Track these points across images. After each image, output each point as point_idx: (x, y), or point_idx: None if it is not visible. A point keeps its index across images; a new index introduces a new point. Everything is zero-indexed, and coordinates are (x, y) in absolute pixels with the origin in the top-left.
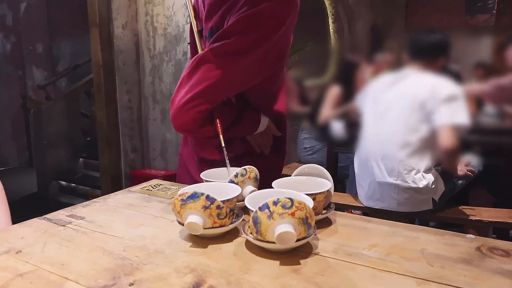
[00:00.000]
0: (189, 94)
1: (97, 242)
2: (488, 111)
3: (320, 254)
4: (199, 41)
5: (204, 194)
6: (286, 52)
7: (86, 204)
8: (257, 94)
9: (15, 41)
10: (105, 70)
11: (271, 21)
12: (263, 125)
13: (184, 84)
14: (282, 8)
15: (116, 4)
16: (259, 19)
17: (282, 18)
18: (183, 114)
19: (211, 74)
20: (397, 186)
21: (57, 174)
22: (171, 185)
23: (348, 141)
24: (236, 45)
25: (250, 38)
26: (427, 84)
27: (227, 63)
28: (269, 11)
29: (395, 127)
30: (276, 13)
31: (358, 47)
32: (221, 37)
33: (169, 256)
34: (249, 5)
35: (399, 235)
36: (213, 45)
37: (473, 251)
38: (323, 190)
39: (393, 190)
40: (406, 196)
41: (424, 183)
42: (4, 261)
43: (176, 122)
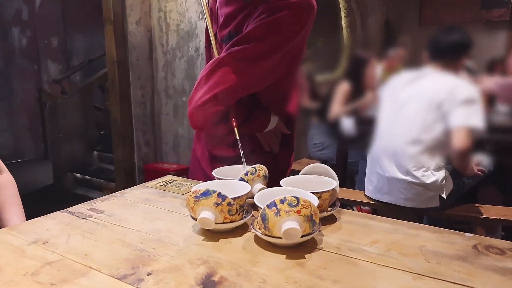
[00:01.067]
0: (206, 95)
1: (117, 235)
2: (499, 109)
3: (324, 249)
4: (215, 44)
5: (216, 192)
6: (301, 54)
7: (105, 198)
8: (270, 95)
9: (30, 35)
10: (119, 66)
11: (290, 28)
12: (272, 124)
13: (202, 84)
14: (301, 14)
15: (129, 1)
16: (279, 25)
17: (301, 24)
18: (200, 114)
19: (228, 77)
20: (406, 181)
21: (72, 166)
22: (184, 181)
23: (358, 138)
24: (256, 50)
25: (269, 44)
26: (446, 85)
27: (245, 67)
28: (289, 18)
29: (409, 124)
30: (296, 19)
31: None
32: (241, 42)
33: (183, 248)
34: (268, 12)
35: (400, 233)
36: (232, 49)
37: (469, 249)
38: (328, 189)
39: (401, 186)
40: (414, 192)
41: (433, 179)
42: (33, 251)
43: (193, 121)
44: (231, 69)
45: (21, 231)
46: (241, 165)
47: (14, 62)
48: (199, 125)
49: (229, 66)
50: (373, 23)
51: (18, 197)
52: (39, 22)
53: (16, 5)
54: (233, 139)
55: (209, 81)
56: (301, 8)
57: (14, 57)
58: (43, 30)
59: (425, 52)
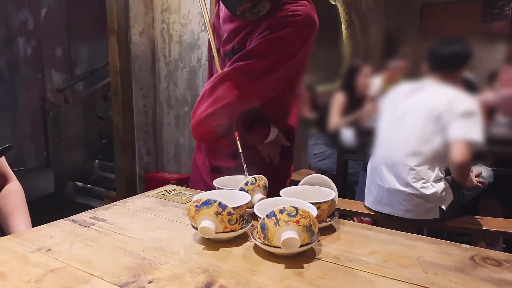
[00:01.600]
0: (209, 109)
1: (118, 243)
2: (499, 121)
3: (322, 259)
4: (218, 60)
5: (217, 201)
6: (303, 69)
7: (107, 207)
8: (271, 108)
9: (35, 45)
10: (122, 76)
11: (293, 45)
12: (272, 135)
13: (205, 98)
14: (304, 31)
15: (134, 12)
16: (282, 42)
17: (303, 41)
18: (203, 127)
19: (231, 92)
20: (405, 193)
21: (74, 175)
22: (185, 190)
23: (358, 148)
24: (259, 66)
25: (272, 60)
26: (446, 97)
27: (248, 82)
28: (292, 35)
29: (409, 136)
30: (299, 36)
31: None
32: (244, 57)
33: (184, 257)
34: (271, 29)
35: (398, 243)
36: (236, 64)
37: (466, 260)
38: (327, 200)
39: (401, 197)
40: (414, 204)
41: (432, 191)
42: (37, 258)
43: (196, 133)
44: (234, 84)
45: (24, 239)
46: (241, 175)
47: (19, 71)
48: (202, 137)
49: (232, 81)
50: (374, 35)
51: (25, 205)
52: (44, 32)
53: (22, 15)
54: (233, 150)
55: (212, 95)
56: (304, 25)
57: (19, 66)
58: (48, 40)
59: (425, 64)
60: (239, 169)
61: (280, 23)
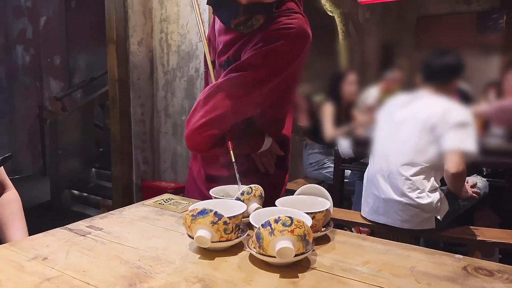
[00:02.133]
0: (203, 119)
1: (115, 252)
2: (494, 132)
3: (317, 268)
4: (213, 71)
5: (213, 211)
6: (296, 81)
7: (103, 216)
8: (265, 118)
9: (34, 53)
10: (121, 85)
11: (286, 57)
12: (266, 145)
13: (199, 108)
14: (297, 44)
15: (132, 22)
16: (275, 54)
17: (296, 53)
18: (196, 136)
19: (225, 103)
20: (401, 203)
21: (70, 183)
22: (182, 199)
23: (355, 158)
24: (252, 77)
25: (265, 72)
26: (439, 108)
27: (241, 93)
28: (285, 47)
29: (404, 146)
30: (291, 49)
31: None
32: (238, 69)
33: (180, 266)
34: (264, 41)
35: (392, 253)
36: (229, 75)
37: (459, 270)
38: (322, 209)
39: (397, 207)
40: (410, 214)
41: (428, 201)
42: (32, 266)
43: (190, 142)
44: (227, 94)
45: (21, 247)
46: (236, 184)
47: (17, 79)
48: (195, 147)
49: (226, 92)
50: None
51: (22, 214)
52: (43, 41)
53: (22, 24)
54: (228, 159)
55: (206, 105)
56: (297, 38)
57: (17, 74)
58: (46, 49)
59: (419, 75)
60: (235, 178)
61: (274, 35)
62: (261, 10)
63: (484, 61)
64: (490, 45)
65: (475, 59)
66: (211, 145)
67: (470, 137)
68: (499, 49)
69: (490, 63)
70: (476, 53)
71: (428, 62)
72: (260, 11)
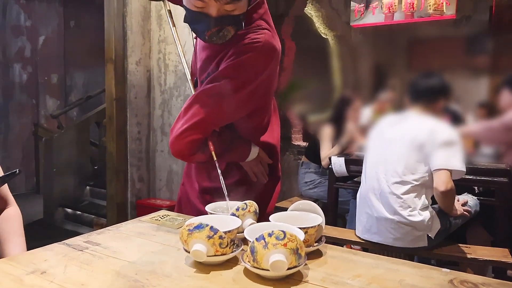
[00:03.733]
0: (184, 125)
1: (112, 266)
2: (484, 151)
3: (309, 282)
4: (193, 87)
5: (209, 225)
6: (270, 90)
7: (101, 232)
8: (246, 126)
9: (31, 71)
10: (118, 103)
11: (253, 68)
12: (253, 153)
13: (181, 117)
14: (264, 55)
15: (131, 42)
16: (244, 66)
17: (263, 65)
18: (179, 142)
19: (202, 110)
20: (394, 221)
21: (64, 201)
22: (178, 216)
23: (349, 177)
24: (224, 87)
25: (237, 82)
26: (426, 127)
27: (216, 101)
28: (253, 59)
29: (394, 165)
30: (258, 61)
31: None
32: (212, 80)
33: (176, 279)
34: (235, 54)
35: (382, 267)
36: (205, 86)
37: (445, 283)
38: (314, 225)
39: (389, 225)
40: (402, 232)
41: (420, 219)
42: (31, 280)
43: (173, 149)
44: (204, 103)
45: (19, 262)
46: (233, 201)
47: (13, 97)
48: (178, 153)
49: (202, 101)
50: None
51: (22, 230)
52: (41, 59)
53: (20, 42)
54: (222, 170)
55: (186, 114)
56: (264, 50)
57: (14, 92)
58: (44, 67)
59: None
60: (229, 188)
61: (243, 49)
62: (230, 21)
63: (473, 83)
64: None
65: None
66: (194, 151)
67: (457, 155)
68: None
69: (479, 85)
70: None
71: (414, 84)
72: (229, 23)
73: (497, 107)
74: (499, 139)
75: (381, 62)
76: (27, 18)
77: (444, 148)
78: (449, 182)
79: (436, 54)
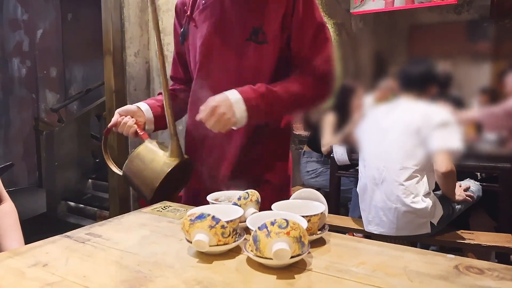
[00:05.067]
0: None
1: (114, 257)
2: (487, 137)
3: (313, 270)
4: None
5: (210, 215)
6: None
7: (102, 223)
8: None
9: (30, 65)
10: (117, 96)
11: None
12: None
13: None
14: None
15: (129, 34)
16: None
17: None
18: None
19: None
20: (396, 209)
21: (66, 194)
22: (180, 206)
23: (351, 165)
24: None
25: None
26: (419, 112)
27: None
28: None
29: (393, 153)
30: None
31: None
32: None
33: (179, 270)
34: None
35: (386, 254)
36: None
37: (451, 269)
38: (317, 213)
39: (392, 215)
40: (405, 220)
41: (423, 205)
42: (33, 273)
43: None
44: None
45: (20, 255)
46: (236, 190)
47: (13, 91)
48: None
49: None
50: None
51: (18, 225)
52: (39, 53)
53: (18, 37)
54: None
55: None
56: None
57: (13, 87)
58: (42, 61)
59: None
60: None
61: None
62: None
63: (475, 69)
64: (480, 53)
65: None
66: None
67: (455, 135)
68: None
69: (481, 71)
70: (467, 61)
71: (404, 73)
72: None
73: (500, 92)
74: (502, 125)
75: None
76: (24, 11)
77: (440, 130)
78: (449, 163)
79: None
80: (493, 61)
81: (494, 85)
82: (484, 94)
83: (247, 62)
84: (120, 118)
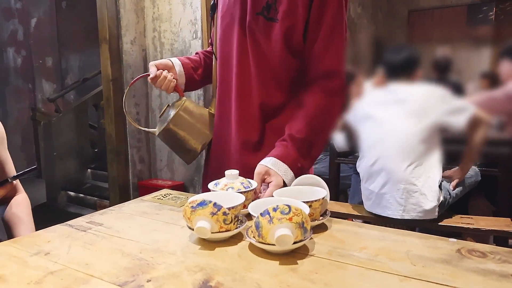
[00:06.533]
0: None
1: (116, 245)
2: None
3: (315, 255)
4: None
5: (212, 202)
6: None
7: (103, 212)
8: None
9: (25, 55)
10: (114, 84)
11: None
12: None
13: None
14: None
15: (125, 21)
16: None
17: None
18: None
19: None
20: (405, 190)
21: (66, 184)
22: (180, 194)
23: (350, 152)
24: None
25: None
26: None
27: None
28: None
29: (393, 137)
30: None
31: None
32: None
33: (181, 257)
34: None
35: (388, 239)
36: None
37: (453, 253)
38: (318, 198)
39: (400, 196)
40: (413, 202)
41: (430, 183)
42: (36, 261)
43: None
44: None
45: (22, 244)
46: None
47: (9, 82)
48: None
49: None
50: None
51: (31, 215)
52: (34, 42)
53: (12, 26)
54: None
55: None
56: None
57: (9, 77)
58: (38, 50)
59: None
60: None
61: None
62: None
63: (475, 53)
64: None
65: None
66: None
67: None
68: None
69: (481, 55)
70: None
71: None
72: None
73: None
74: (502, 109)
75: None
76: (17, 0)
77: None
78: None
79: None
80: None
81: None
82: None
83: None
84: (159, 72)
